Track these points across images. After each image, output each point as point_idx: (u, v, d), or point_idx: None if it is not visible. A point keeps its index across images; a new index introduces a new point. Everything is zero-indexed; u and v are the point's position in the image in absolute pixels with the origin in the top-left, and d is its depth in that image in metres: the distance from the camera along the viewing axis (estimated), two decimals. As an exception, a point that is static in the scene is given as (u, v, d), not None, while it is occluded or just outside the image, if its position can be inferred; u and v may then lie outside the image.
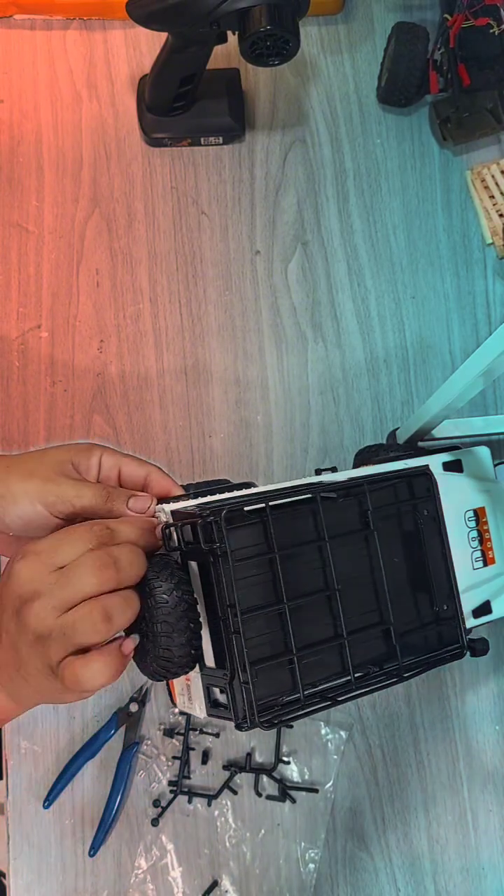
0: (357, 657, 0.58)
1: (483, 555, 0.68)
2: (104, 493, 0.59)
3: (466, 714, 0.80)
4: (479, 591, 0.67)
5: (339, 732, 0.78)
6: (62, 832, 0.77)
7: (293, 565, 0.57)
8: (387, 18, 0.95)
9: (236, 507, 0.55)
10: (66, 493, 0.58)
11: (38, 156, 0.90)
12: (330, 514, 0.58)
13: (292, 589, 0.56)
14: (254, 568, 0.56)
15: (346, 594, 0.58)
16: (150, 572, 0.54)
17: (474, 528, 0.68)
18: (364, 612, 0.60)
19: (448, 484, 0.67)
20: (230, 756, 0.78)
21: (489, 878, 0.78)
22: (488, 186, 0.91)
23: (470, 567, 0.67)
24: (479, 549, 0.68)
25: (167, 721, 0.78)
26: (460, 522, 0.67)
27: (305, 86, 0.94)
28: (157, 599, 0.53)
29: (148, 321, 0.87)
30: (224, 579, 0.54)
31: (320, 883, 0.77)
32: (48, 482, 0.58)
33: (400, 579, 0.62)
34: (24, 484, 0.58)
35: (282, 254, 0.89)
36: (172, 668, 0.54)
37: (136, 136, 0.91)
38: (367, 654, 0.59)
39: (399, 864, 0.78)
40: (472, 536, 0.68)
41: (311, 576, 0.58)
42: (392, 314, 0.88)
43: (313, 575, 0.58)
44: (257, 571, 0.56)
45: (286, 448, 0.85)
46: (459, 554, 0.66)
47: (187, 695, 0.60)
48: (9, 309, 0.87)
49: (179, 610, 0.53)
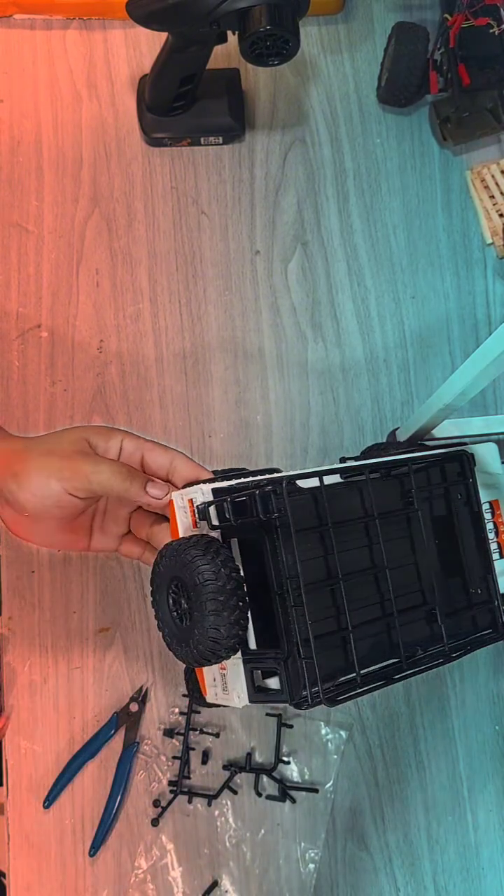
0: (403, 638, 0.57)
1: (500, 546, 0.68)
2: (124, 472, 0.58)
3: (466, 714, 0.80)
4: (499, 582, 0.67)
5: (339, 732, 0.78)
6: (62, 832, 0.77)
7: (341, 544, 0.55)
8: (387, 18, 0.95)
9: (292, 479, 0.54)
10: (83, 468, 0.57)
11: (37, 156, 0.90)
12: (380, 494, 0.58)
13: (343, 567, 0.55)
14: (306, 544, 0.54)
15: (396, 574, 0.58)
16: (195, 550, 0.53)
17: (490, 519, 0.68)
18: (408, 592, 0.59)
19: None
20: (230, 756, 0.78)
21: (489, 877, 0.78)
22: (488, 186, 0.91)
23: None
24: (495, 540, 0.68)
25: (167, 721, 0.78)
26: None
27: (305, 86, 0.94)
28: (205, 576, 0.52)
29: (148, 321, 0.87)
30: (285, 551, 0.52)
31: (320, 883, 0.77)
32: (66, 459, 0.57)
33: (438, 561, 0.62)
34: (42, 460, 0.58)
35: (282, 254, 0.89)
36: (220, 651, 0.53)
37: (136, 136, 0.91)
38: (412, 635, 0.58)
39: (399, 864, 0.78)
40: (489, 528, 0.67)
41: (357, 555, 0.57)
42: (392, 314, 0.88)
43: (360, 554, 0.57)
44: (309, 548, 0.55)
45: (286, 448, 0.85)
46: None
47: (221, 685, 0.58)
48: (9, 309, 0.87)
49: (228, 588, 0.52)
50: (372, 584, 0.57)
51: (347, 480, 0.58)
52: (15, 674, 0.79)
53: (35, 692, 0.79)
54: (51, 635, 0.80)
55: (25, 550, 0.81)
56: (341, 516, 0.56)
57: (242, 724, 0.78)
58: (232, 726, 0.78)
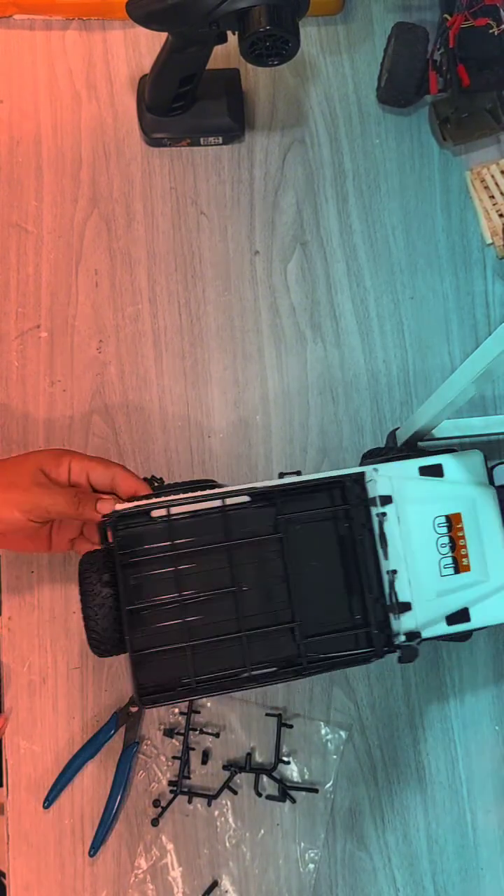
0: (264, 653, 0.64)
1: (455, 562, 0.68)
2: (75, 501, 0.66)
3: (466, 714, 0.80)
4: (452, 598, 0.67)
5: (339, 732, 0.79)
6: (62, 832, 0.77)
7: (206, 564, 0.65)
8: (386, 18, 0.95)
9: (130, 511, 0.64)
10: (42, 502, 0.66)
11: (37, 156, 0.90)
12: (250, 518, 0.66)
13: (202, 585, 0.64)
14: (166, 564, 0.64)
15: (260, 594, 0.65)
16: (85, 564, 0.66)
17: (445, 534, 0.68)
18: (277, 610, 0.65)
19: (421, 489, 0.68)
20: (230, 756, 0.78)
21: (488, 878, 0.78)
22: (488, 187, 0.91)
23: (437, 574, 0.67)
24: (449, 555, 0.68)
25: (167, 721, 0.78)
26: (427, 528, 0.68)
27: (305, 86, 0.94)
28: (84, 587, 0.65)
29: (147, 321, 0.87)
30: (124, 573, 0.63)
31: (319, 883, 0.77)
32: (26, 492, 0.66)
33: (326, 582, 0.66)
34: (6, 494, 0.66)
35: (281, 254, 0.89)
36: (102, 646, 0.65)
37: (135, 137, 0.91)
38: (277, 650, 0.65)
39: (398, 864, 0.78)
40: (441, 543, 0.68)
41: (221, 574, 0.65)
42: (391, 314, 0.88)
43: (224, 574, 0.65)
44: (164, 567, 0.64)
45: (285, 448, 0.85)
46: (424, 560, 0.67)
47: None
48: (8, 309, 0.87)
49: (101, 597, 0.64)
50: (231, 602, 0.65)
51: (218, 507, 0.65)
52: (14, 674, 0.79)
53: (34, 692, 0.79)
54: (50, 635, 0.80)
55: (25, 551, 0.81)
56: (210, 538, 0.65)
57: (242, 725, 0.78)
58: (231, 726, 0.78)
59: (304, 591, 0.66)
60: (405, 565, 0.66)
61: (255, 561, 0.65)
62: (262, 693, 0.79)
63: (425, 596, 0.66)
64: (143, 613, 0.64)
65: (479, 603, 0.68)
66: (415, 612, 0.66)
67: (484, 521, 0.69)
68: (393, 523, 0.67)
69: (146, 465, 0.84)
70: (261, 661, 0.64)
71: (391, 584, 0.66)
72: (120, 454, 0.84)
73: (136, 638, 0.63)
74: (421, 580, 0.66)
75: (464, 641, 0.76)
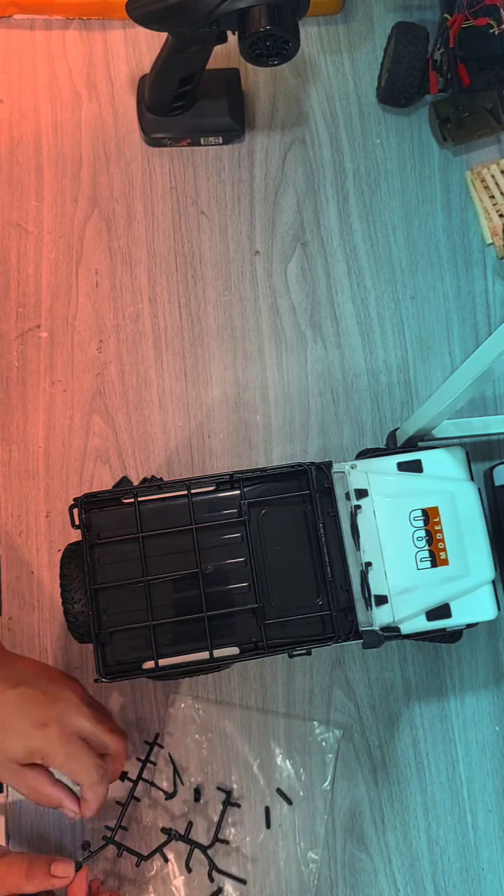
0: (229, 634, 0.66)
1: (432, 555, 0.68)
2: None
3: (466, 714, 0.80)
4: (429, 592, 0.68)
5: (334, 731, 0.78)
6: (62, 832, 0.77)
7: (174, 546, 0.67)
8: (387, 18, 0.95)
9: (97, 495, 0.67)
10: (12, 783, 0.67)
11: (37, 156, 0.90)
12: (218, 504, 0.68)
13: (169, 568, 0.67)
14: (132, 545, 0.67)
15: (224, 577, 0.67)
16: (64, 554, 0.69)
17: (422, 527, 0.68)
18: (242, 593, 0.67)
19: (398, 484, 0.69)
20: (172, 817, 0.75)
21: (488, 878, 0.78)
22: (488, 186, 0.91)
23: (413, 567, 0.68)
24: (426, 549, 0.68)
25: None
26: (403, 521, 0.69)
27: (305, 86, 0.94)
28: (63, 572, 0.69)
29: (147, 321, 0.87)
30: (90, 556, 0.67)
31: (320, 884, 0.77)
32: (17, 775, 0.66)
33: (292, 567, 0.68)
34: None
35: (281, 254, 0.89)
36: (80, 630, 0.68)
37: (135, 136, 0.91)
38: (242, 633, 0.67)
39: (398, 864, 0.78)
40: (418, 536, 0.68)
41: (188, 557, 0.67)
42: (391, 314, 0.88)
43: (190, 557, 0.67)
44: (128, 550, 0.67)
45: (285, 448, 0.85)
46: (397, 553, 0.68)
47: None
48: (8, 309, 0.87)
49: (75, 583, 0.68)
50: (197, 585, 0.67)
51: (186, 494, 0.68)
52: (14, 674, 0.79)
53: (34, 693, 0.79)
54: (51, 635, 0.80)
55: (25, 551, 0.81)
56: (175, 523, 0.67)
57: (238, 730, 0.78)
58: (226, 732, 0.78)
59: (270, 574, 0.67)
60: (381, 558, 0.67)
61: (221, 545, 0.68)
62: (262, 694, 0.79)
63: (401, 588, 0.67)
64: (109, 594, 0.67)
65: (460, 599, 0.68)
66: (391, 605, 0.66)
67: (464, 516, 0.69)
68: (367, 516, 0.68)
69: (146, 465, 0.84)
70: (224, 643, 0.66)
71: (364, 576, 0.67)
72: (120, 454, 0.84)
73: (103, 617, 0.66)
74: (396, 573, 0.67)
75: (453, 642, 0.76)
